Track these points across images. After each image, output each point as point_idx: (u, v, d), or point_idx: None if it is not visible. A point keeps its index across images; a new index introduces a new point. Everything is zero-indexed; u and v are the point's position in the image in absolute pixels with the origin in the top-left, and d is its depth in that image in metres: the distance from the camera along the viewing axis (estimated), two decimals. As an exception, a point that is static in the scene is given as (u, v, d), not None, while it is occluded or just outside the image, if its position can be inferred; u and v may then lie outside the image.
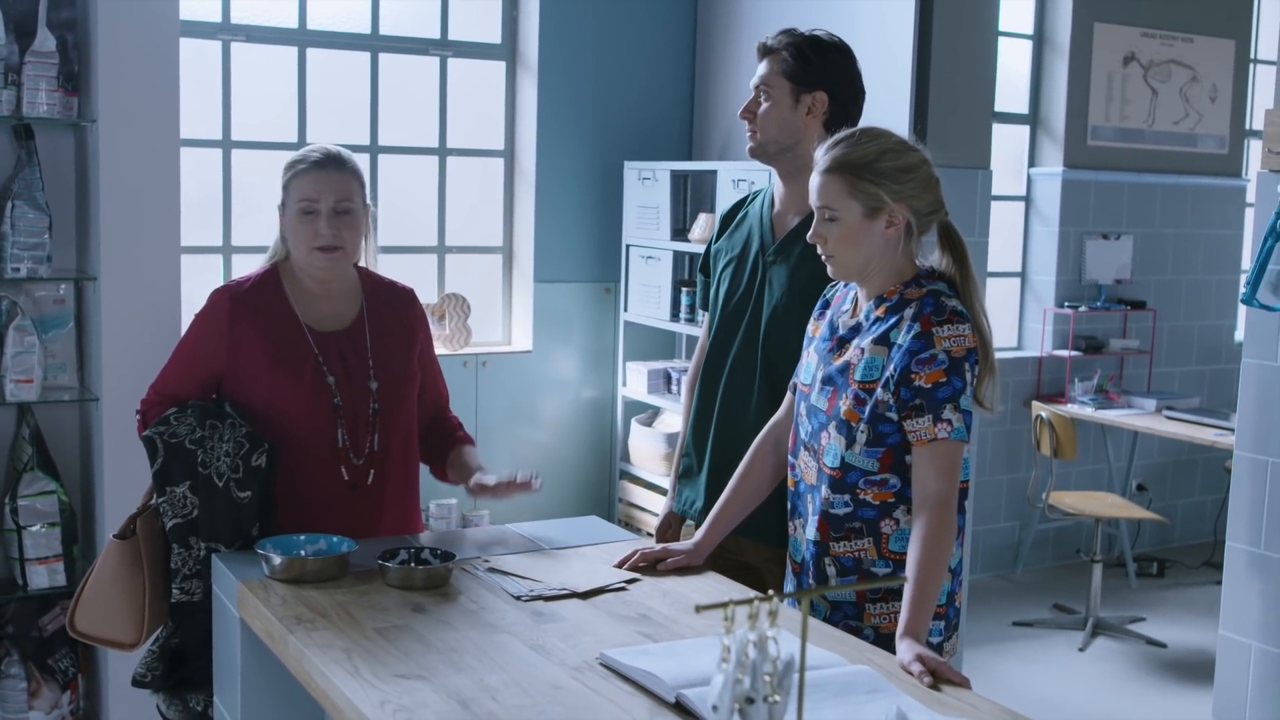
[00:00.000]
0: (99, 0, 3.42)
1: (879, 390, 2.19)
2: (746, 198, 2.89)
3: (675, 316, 4.52)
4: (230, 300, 2.61)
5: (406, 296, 2.78)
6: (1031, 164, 6.19)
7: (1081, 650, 5.05)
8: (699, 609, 1.19)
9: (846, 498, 2.24)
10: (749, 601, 1.23)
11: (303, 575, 2.29)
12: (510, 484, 2.62)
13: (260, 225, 4.46)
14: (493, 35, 4.78)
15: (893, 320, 2.21)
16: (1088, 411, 5.78)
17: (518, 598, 2.25)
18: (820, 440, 2.29)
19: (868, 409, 2.20)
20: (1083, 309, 6.03)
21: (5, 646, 3.59)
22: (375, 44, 4.57)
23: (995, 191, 6.15)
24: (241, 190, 4.40)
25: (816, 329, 2.39)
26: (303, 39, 4.42)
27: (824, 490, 2.28)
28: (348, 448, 2.60)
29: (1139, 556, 6.26)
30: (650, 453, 4.63)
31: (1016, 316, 6.27)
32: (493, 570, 2.40)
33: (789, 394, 2.46)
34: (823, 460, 2.28)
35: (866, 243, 2.22)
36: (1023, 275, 6.25)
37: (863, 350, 2.23)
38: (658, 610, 2.21)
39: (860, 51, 4.21)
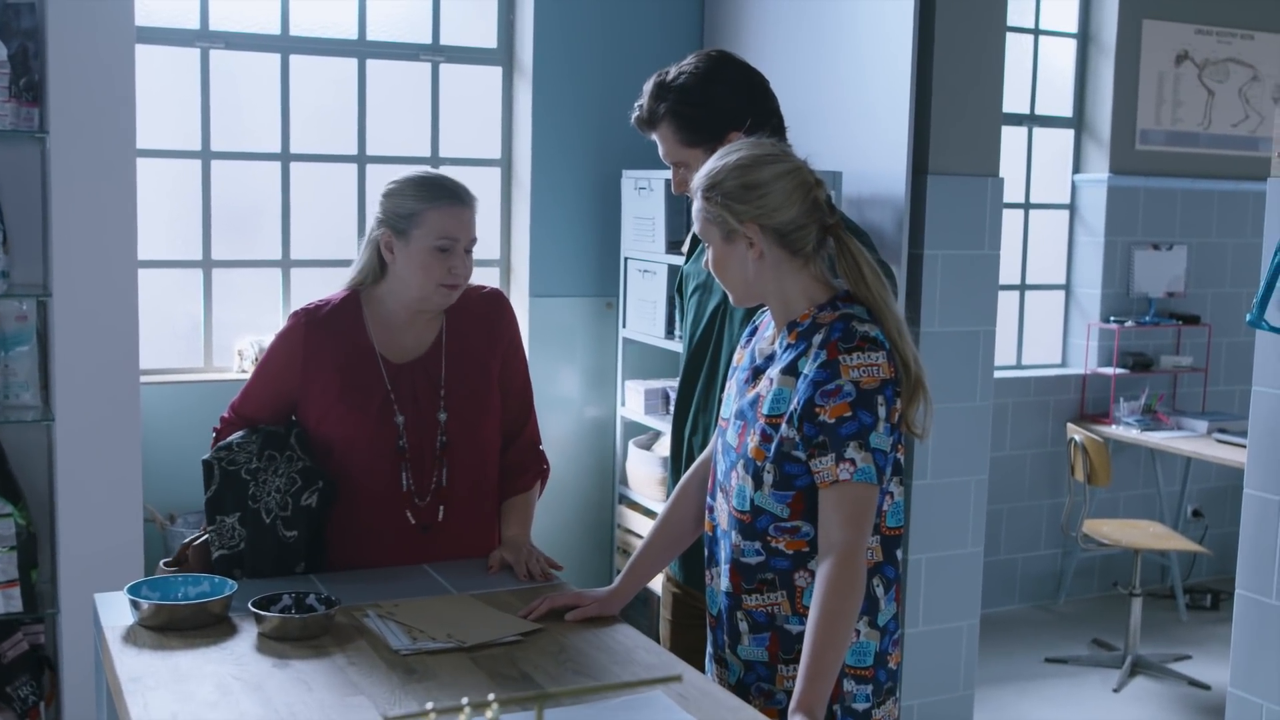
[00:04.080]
0: (50, 9, 3.30)
1: (784, 426, 1.94)
2: None
3: (670, 334, 4.28)
4: (306, 324, 2.49)
5: (491, 301, 2.61)
6: (1075, 170, 5.84)
7: (1116, 691, 4.71)
8: (386, 720, 0.98)
9: (757, 545, 2.00)
10: (458, 709, 1.01)
11: (172, 622, 2.12)
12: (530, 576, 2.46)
13: (242, 239, 4.32)
14: (488, 40, 4.59)
15: (802, 347, 1.96)
16: (1133, 433, 5.43)
17: (396, 651, 2.05)
18: (731, 481, 2.05)
19: (773, 446, 1.96)
20: (1130, 324, 5.68)
21: (-42, 674, 3.48)
22: (362, 50, 4.40)
23: (1035, 199, 5.83)
24: (221, 202, 4.26)
25: (740, 358, 2.16)
26: (286, 45, 4.27)
27: (734, 536, 2.04)
28: (412, 491, 2.47)
29: (1193, 588, 5.87)
30: (647, 477, 4.40)
31: (1059, 332, 5.92)
32: (384, 617, 2.20)
33: (716, 431, 2.23)
34: (732, 503, 2.04)
35: (736, 267, 2.00)
36: (1066, 288, 5.91)
37: (771, 381, 1.99)
38: (544, 670, 1.99)
39: (857, 52, 3.98)
